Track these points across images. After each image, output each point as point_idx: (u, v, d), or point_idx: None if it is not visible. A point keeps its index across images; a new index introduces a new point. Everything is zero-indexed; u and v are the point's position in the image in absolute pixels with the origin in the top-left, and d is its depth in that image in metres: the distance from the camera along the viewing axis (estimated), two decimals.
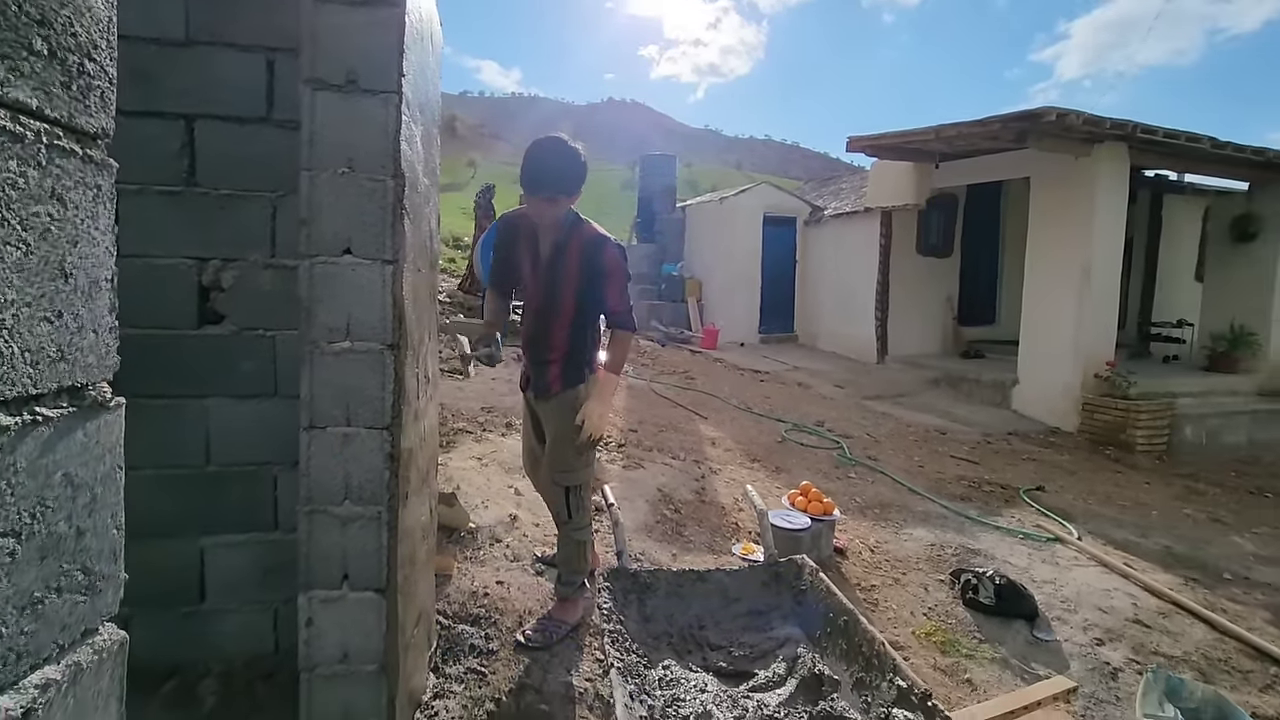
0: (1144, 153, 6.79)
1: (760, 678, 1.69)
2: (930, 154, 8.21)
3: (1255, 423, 6.86)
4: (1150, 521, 4.33)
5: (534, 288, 2.34)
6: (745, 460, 4.74)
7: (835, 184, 12.34)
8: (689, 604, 1.93)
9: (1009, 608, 2.84)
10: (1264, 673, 2.57)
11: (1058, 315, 6.84)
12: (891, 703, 1.41)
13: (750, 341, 10.20)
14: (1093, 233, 6.54)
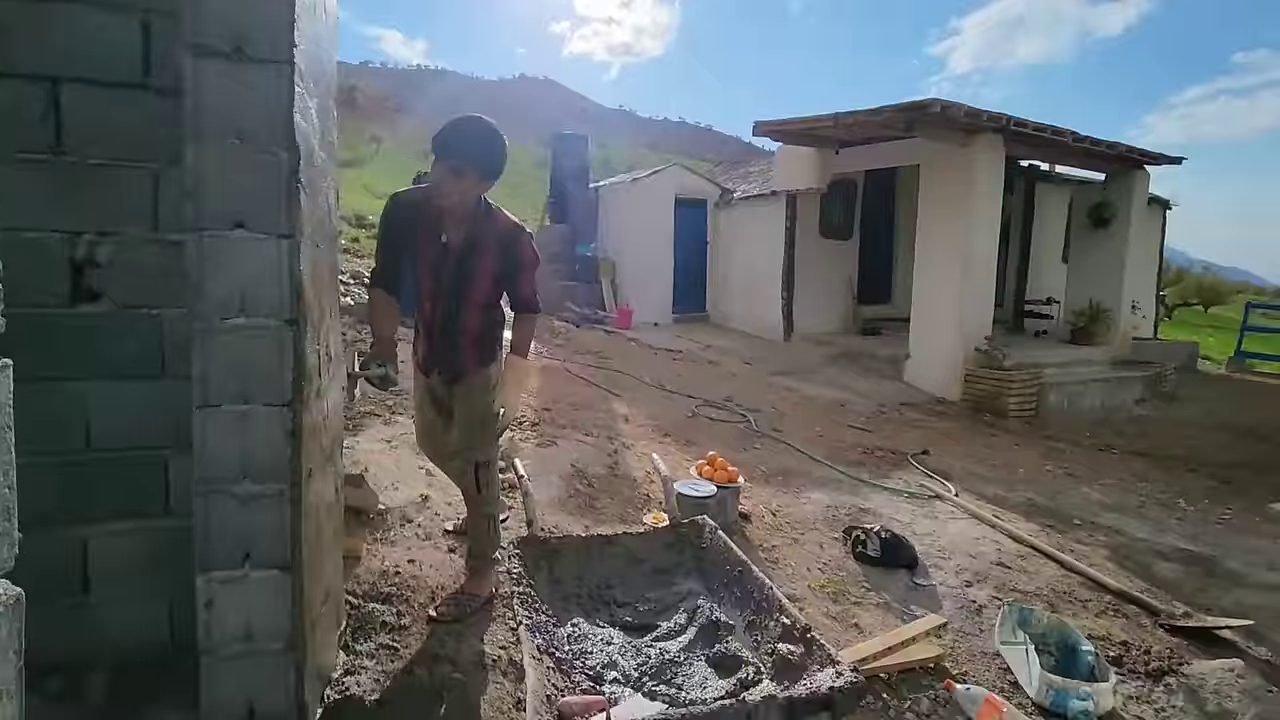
0: (1017, 144, 7.40)
1: (663, 628, 1.81)
2: (831, 140, 8.60)
3: (1106, 389, 7.70)
4: (1017, 478, 4.82)
5: (440, 278, 2.26)
6: (658, 435, 4.89)
7: (745, 167, 12.69)
8: (597, 567, 2.02)
9: (893, 558, 3.12)
10: (1099, 601, 2.95)
11: (943, 294, 7.39)
12: (777, 638, 1.56)
13: (664, 321, 10.39)
14: (973, 217, 7.09)
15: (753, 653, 1.61)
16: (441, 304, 2.29)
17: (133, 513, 1.85)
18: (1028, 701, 2.25)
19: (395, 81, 76.38)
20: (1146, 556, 3.52)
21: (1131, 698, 2.30)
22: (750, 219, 10.17)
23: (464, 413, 2.35)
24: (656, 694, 1.50)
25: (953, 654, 2.51)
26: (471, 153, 2.11)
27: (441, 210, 2.19)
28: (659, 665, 1.61)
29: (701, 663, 1.65)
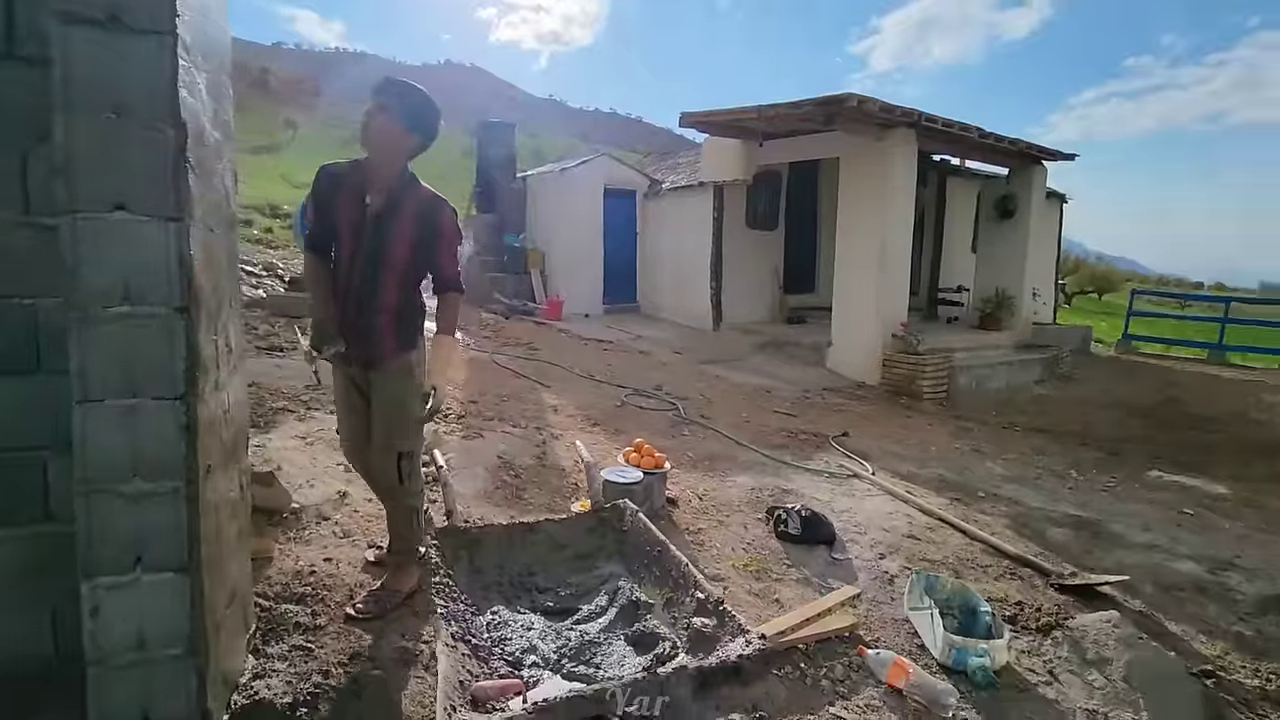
0: (928, 138, 7.76)
1: (584, 611, 1.83)
2: (755, 132, 8.77)
3: (1010, 371, 8.22)
4: (929, 455, 5.09)
5: (360, 239, 2.21)
6: (587, 425, 4.90)
7: (673, 158, 12.79)
8: (519, 554, 2.02)
9: (812, 535, 3.25)
10: (999, 566, 3.17)
11: (862, 283, 7.69)
12: (693, 613, 1.60)
13: (595, 312, 10.38)
14: (889, 209, 7.40)
15: (670, 628, 1.65)
16: (359, 270, 2.22)
17: (6, 520, 1.71)
18: (933, 662, 2.39)
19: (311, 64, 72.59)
20: (1041, 523, 3.79)
21: (1024, 652, 2.49)
22: (679, 210, 10.27)
23: (384, 400, 2.27)
24: (575, 674, 1.51)
25: (866, 622, 2.64)
26: (402, 96, 2.15)
27: (364, 178, 2.20)
28: (578, 647, 1.63)
29: (621, 642, 1.67)
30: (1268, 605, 2.86)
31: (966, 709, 2.16)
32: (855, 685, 2.24)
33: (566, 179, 10.50)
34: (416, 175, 2.29)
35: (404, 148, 2.20)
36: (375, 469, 2.32)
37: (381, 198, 2.20)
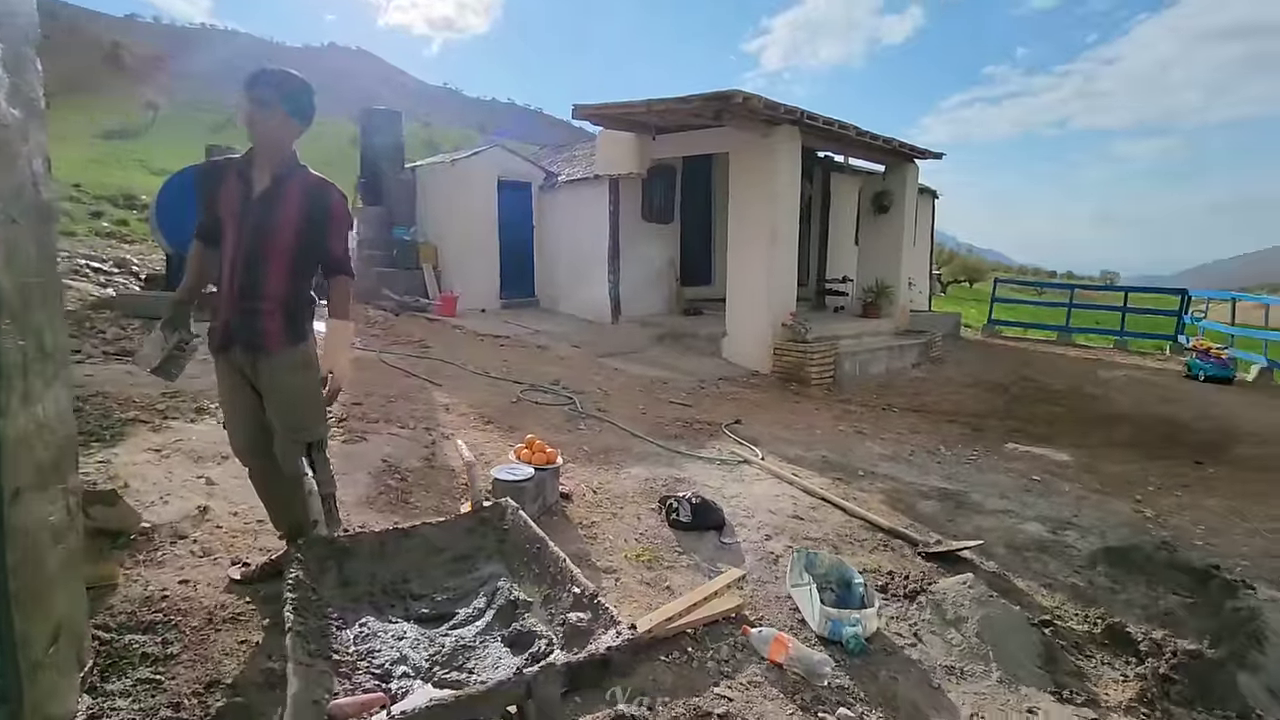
0: (811, 135, 8.12)
1: (461, 615, 1.77)
2: (648, 126, 8.85)
3: (890, 355, 8.78)
4: (815, 439, 5.34)
5: (244, 225, 2.15)
6: (480, 423, 4.78)
7: (569, 151, 12.67)
8: (393, 561, 1.93)
9: (703, 522, 3.33)
10: (874, 539, 3.38)
11: (753, 275, 7.95)
12: (569, 608, 1.59)
13: (491, 307, 10.14)
14: (775, 202, 7.68)
15: (547, 626, 1.63)
16: (242, 254, 2.16)
17: None
18: (812, 634, 2.52)
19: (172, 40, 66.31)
20: (913, 497, 4.08)
21: (893, 617, 2.66)
22: (575, 203, 10.21)
23: (284, 393, 2.22)
24: (445, 682, 1.47)
25: (751, 602, 2.74)
26: (279, 86, 2.15)
27: (249, 163, 2.19)
28: (452, 653, 1.58)
29: (498, 643, 1.64)
30: (1097, 558, 3.22)
31: (840, 676, 2.29)
32: (739, 664, 2.32)
33: (458, 170, 10.17)
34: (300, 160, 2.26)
35: (289, 137, 2.22)
36: (283, 462, 2.25)
37: (266, 181, 2.18)
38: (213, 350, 2.28)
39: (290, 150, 2.22)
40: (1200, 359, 9.79)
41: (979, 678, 2.34)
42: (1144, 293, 15.02)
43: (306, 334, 2.29)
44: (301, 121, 2.21)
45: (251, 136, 2.18)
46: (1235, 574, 3.03)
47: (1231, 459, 5.65)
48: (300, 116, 2.20)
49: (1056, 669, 2.42)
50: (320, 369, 2.25)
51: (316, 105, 2.24)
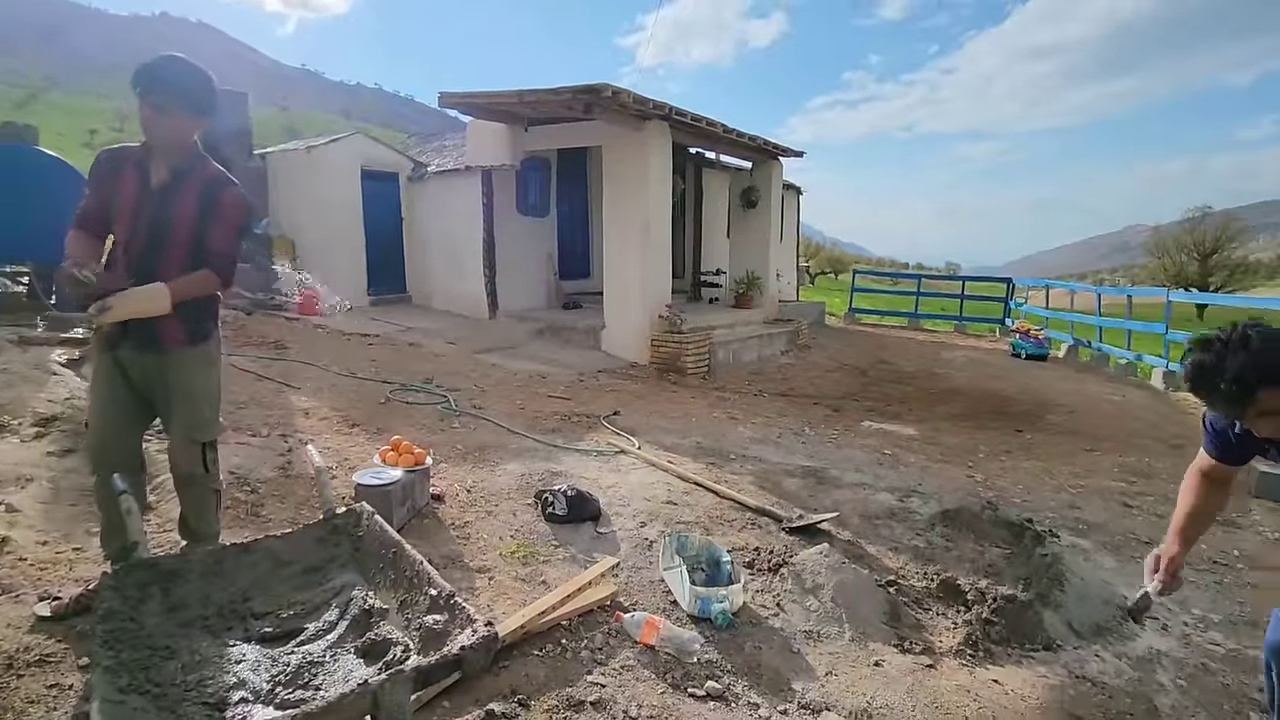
0: (681, 131, 8.33)
1: (311, 630, 1.67)
2: (520, 117, 8.70)
3: (761, 344, 9.23)
4: (691, 426, 5.51)
5: (140, 216, 2.08)
6: (344, 427, 4.51)
7: (439, 140, 12.20)
8: (232, 580, 1.78)
9: (578, 514, 3.34)
10: (743, 518, 3.54)
11: (629, 268, 8.06)
12: (426, 611, 1.54)
13: (359, 304, 9.57)
14: (648, 197, 7.82)
15: (404, 632, 1.57)
16: (138, 247, 2.09)
17: None
18: (684, 615, 2.60)
19: None
20: (779, 476, 4.31)
21: (759, 591, 2.81)
22: (446, 195, 9.84)
23: (184, 393, 2.18)
24: (288, 702, 1.38)
25: (626, 588, 2.78)
26: (176, 86, 2.03)
27: (147, 155, 2.11)
28: (296, 670, 1.48)
29: (350, 655, 1.56)
30: (935, 521, 3.56)
31: (709, 651, 2.38)
32: (613, 650, 2.35)
33: (316, 159, 9.49)
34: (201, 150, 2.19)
35: (190, 133, 2.14)
36: (178, 460, 2.25)
37: (164, 175, 2.11)
38: (96, 346, 2.15)
39: (192, 143, 2.15)
40: (1022, 339, 11.09)
41: (834, 639, 2.53)
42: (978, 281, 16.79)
43: (209, 333, 2.25)
44: (204, 118, 2.13)
45: (147, 137, 2.09)
46: (1044, 525, 3.47)
47: (1045, 426, 6.45)
48: (202, 113, 2.11)
49: (900, 624, 2.66)
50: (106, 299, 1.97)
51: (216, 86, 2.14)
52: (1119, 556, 3.42)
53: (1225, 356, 1.46)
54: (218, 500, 2.38)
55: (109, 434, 2.20)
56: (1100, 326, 10.94)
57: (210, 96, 2.11)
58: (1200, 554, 3.48)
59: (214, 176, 2.18)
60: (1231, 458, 1.75)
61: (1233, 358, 1.45)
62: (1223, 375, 1.46)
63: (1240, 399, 1.46)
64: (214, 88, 2.13)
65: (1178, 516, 1.84)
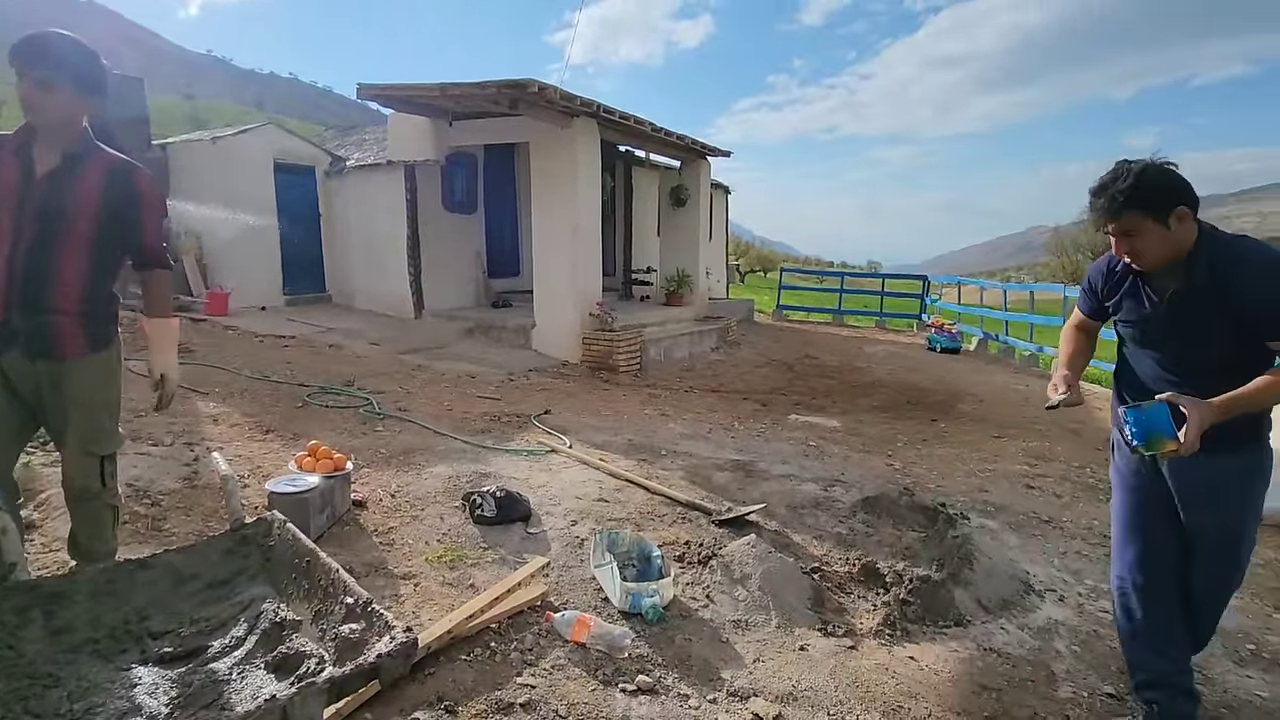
0: (610, 129, 8.33)
1: (216, 647, 1.57)
2: (444, 111, 8.48)
3: (692, 341, 9.35)
4: (623, 423, 5.52)
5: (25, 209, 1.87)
6: (258, 433, 4.29)
7: (359, 134, 11.75)
8: (126, 599, 1.66)
9: (507, 515, 3.28)
10: (674, 513, 3.57)
11: (559, 265, 8.00)
12: (342, 620, 1.48)
13: (274, 304, 9.11)
14: (577, 194, 7.78)
15: (318, 644, 1.50)
16: (25, 243, 1.88)
17: None
18: (615, 611, 2.61)
19: None
20: (709, 470, 4.37)
21: (689, 584, 2.84)
22: (368, 190, 9.49)
23: (83, 404, 2.03)
24: None
25: (557, 588, 2.76)
26: (62, 60, 1.86)
27: (32, 136, 1.90)
28: (199, 690, 1.39)
29: (260, 671, 1.48)
30: (856, 508, 3.70)
31: (640, 645, 2.39)
32: (543, 651, 2.33)
33: (223, 150, 8.95)
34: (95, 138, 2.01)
35: (80, 114, 1.95)
36: (73, 475, 2.10)
37: (54, 160, 1.92)
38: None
39: (83, 126, 1.97)
40: (937, 334, 11.69)
41: (761, 626, 2.59)
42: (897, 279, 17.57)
43: (111, 338, 2.09)
44: (94, 98, 1.96)
45: (31, 117, 1.90)
46: (956, 509, 3.67)
47: (958, 415, 6.82)
48: (92, 92, 1.94)
49: (824, 608, 2.75)
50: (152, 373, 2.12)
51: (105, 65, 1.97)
52: (1021, 535, 3.65)
53: (1123, 177, 1.76)
54: (115, 517, 2.22)
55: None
56: (1006, 321, 11.66)
57: (99, 74, 1.96)
58: (1094, 529, 3.76)
59: (118, 164, 2.01)
60: (1096, 314, 2.13)
61: (1124, 180, 1.75)
62: (1110, 189, 1.77)
63: (1110, 210, 1.79)
64: (103, 65, 1.97)
65: (1062, 357, 2.20)
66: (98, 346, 2.04)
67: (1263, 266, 1.74)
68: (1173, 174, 1.77)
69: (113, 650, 1.55)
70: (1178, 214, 1.75)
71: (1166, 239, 1.77)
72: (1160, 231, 1.76)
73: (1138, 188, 1.74)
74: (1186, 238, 1.79)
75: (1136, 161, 1.78)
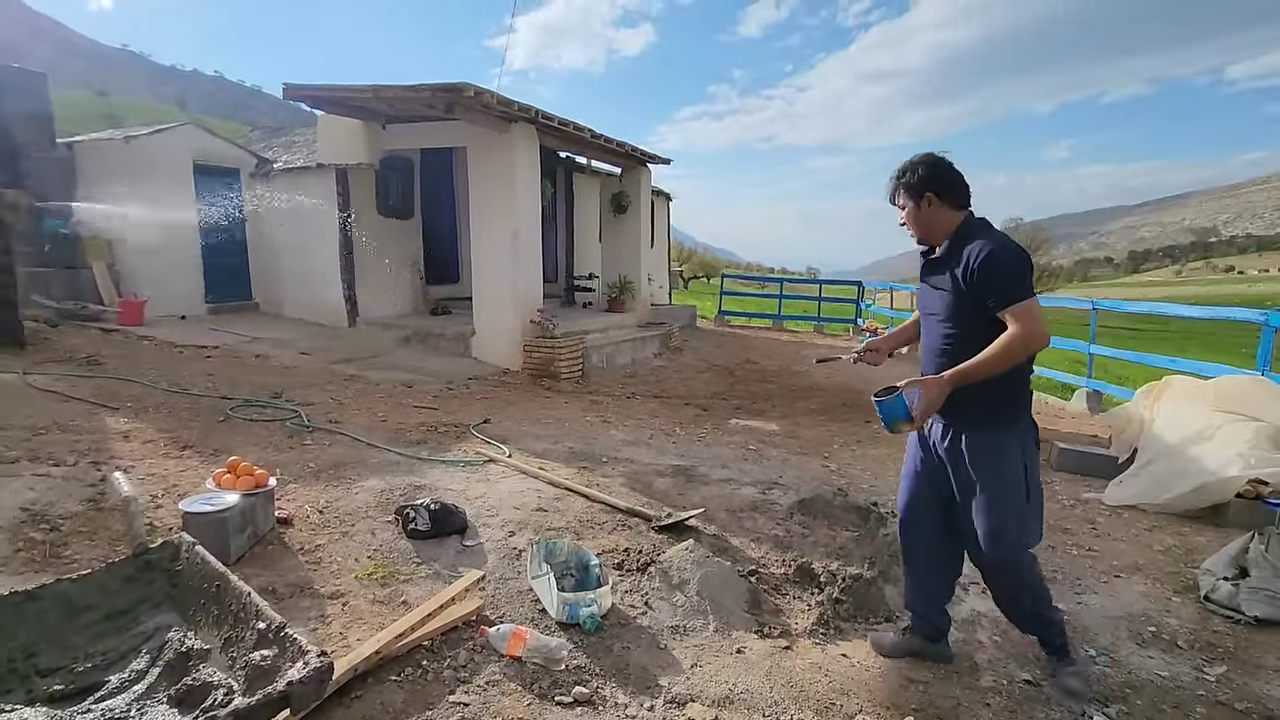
0: (549, 135, 8.28)
1: (114, 682, 1.47)
2: (377, 114, 8.26)
3: (634, 347, 9.36)
4: (564, 431, 5.47)
5: None
6: (174, 449, 4.04)
7: (287, 135, 11.32)
8: (10, 634, 1.53)
9: (442, 528, 3.20)
10: (614, 520, 3.56)
11: (498, 272, 7.88)
12: (253, 647, 1.41)
13: (196, 313, 8.66)
14: (516, 200, 7.69)
15: (227, 673, 1.42)
16: None
17: None
18: (553, 622, 2.57)
19: None
20: (650, 476, 4.38)
21: (627, 591, 2.83)
22: (297, 194, 9.12)
23: None
24: None
25: (494, 601, 2.70)
26: None
27: None
28: None
29: (162, 705, 1.39)
30: (793, 510, 3.77)
31: (578, 656, 2.36)
32: (478, 666, 2.28)
33: (137, 150, 8.46)
34: None
35: None
36: None
37: None
38: None
39: None
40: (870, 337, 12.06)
41: (699, 631, 2.60)
42: (834, 284, 18.07)
43: None
44: None
45: None
46: (887, 508, 3.78)
47: None
48: None
49: (761, 610, 2.79)
50: None
51: None
52: None
53: (915, 165, 2.19)
54: None
55: None
56: None
57: None
58: None
59: None
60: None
61: (913, 168, 2.19)
62: (892, 178, 2.27)
63: (892, 192, 2.27)
64: None
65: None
66: None
67: (985, 245, 2.05)
68: (934, 166, 2.18)
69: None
70: (927, 198, 2.17)
71: (918, 218, 2.21)
72: (915, 212, 2.21)
73: (902, 175, 2.22)
74: (944, 220, 2.18)
75: (916, 155, 2.22)
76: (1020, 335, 1.96)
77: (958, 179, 2.18)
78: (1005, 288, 2.01)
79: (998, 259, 2.02)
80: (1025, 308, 1.98)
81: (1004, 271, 2.01)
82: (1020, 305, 1.99)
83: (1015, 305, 1.99)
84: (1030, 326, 1.96)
